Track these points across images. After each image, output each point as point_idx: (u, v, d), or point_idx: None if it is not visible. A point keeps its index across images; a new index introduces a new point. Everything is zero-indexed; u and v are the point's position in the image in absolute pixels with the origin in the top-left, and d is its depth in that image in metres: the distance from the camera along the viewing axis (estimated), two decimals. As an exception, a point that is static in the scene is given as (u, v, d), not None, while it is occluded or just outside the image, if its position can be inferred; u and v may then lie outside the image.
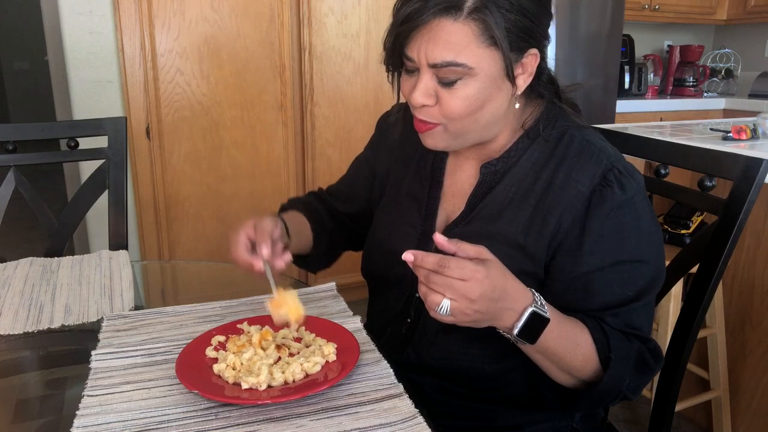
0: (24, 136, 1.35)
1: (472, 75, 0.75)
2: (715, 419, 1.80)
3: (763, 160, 0.85)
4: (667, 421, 0.97)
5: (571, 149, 0.82)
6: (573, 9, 2.59)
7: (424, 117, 0.80)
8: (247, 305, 0.97)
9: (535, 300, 0.71)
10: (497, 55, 0.75)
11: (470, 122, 0.80)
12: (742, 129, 1.85)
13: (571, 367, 0.76)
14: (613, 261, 0.78)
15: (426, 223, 0.92)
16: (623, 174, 0.79)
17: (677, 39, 3.89)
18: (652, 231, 0.81)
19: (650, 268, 0.80)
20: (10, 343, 0.89)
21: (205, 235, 2.33)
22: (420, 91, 0.77)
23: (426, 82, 0.77)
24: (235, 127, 2.31)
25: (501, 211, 0.84)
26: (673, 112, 3.29)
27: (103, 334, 0.87)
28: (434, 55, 0.74)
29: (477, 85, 0.76)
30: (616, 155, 0.82)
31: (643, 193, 0.80)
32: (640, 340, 0.79)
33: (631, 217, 0.78)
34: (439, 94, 0.78)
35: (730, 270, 1.73)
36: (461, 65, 0.74)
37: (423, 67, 0.76)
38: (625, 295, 0.79)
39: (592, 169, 0.80)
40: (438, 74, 0.76)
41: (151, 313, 0.94)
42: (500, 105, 0.80)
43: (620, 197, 0.78)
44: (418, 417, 0.67)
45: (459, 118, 0.79)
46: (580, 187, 0.79)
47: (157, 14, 2.11)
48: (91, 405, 0.70)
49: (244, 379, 0.71)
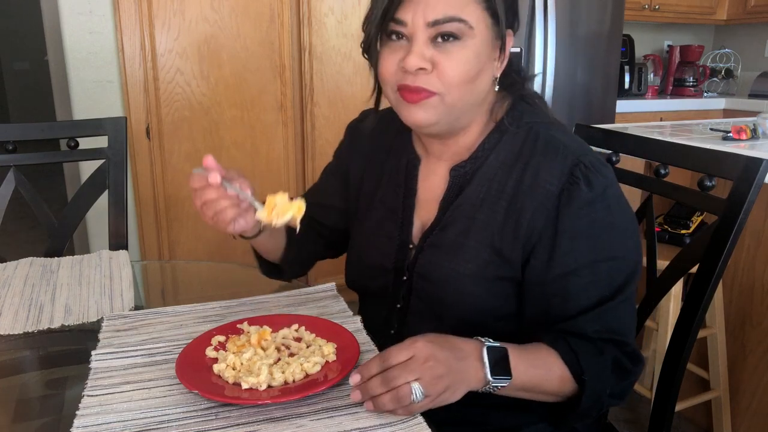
0: (24, 136, 1.35)
1: (471, 37, 0.75)
2: (715, 419, 1.80)
3: (763, 160, 0.85)
4: (667, 421, 0.97)
5: (537, 147, 0.81)
6: (573, 9, 2.59)
7: (421, 83, 0.76)
8: (247, 305, 0.97)
9: (480, 340, 0.72)
10: (489, 21, 0.76)
11: (466, 92, 0.78)
12: (742, 129, 1.85)
13: (550, 392, 0.76)
14: (587, 261, 0.77)
15: (403, 233, 0.91)
16: (590, 169, 0.77)
17: (677, 39, 3.89)
18: (626, 225, 0.80)
19: (626, 263, 0.79)
20: (10, 343, 0.89)
21: (205, 235, 2.33)
22: (415, 54, 0.74)
23: (421, 45, 0.75)
24: (235, 127, 2.31)
25: (473, 215, 0.83)
26: (673, 112, 3.29)
27: (103, 334, 0.87)
28: (437, 9, 0.73)
29: (473, 49, 0.75)
30: (582, 149, 0.80)
31: (614, 186, 0.79)
32: (617, 345, 0.78)
33: (603, 213, 0.77)
34: (435, 60, 0.75)
35: (730, 270, 1.73)
36: (464, 21, 0.74)
37: (418, 29, 0.74)
38: (602, 296, 0.78)
39: (558, 167, 0.78)
40: (439, 31, 0.74)
41: (151, 313, 0.94)
42: (487, 82, 0.80)
43: (588, 194, 0.77)
44: (418, 417, 0.67)
45: (458, 85, 0.76)
46: (549, 186, 0.78)
47: (157, 14, 2.11)
48: (91, 405, 0.70)
49: (244, 379, 0.71)
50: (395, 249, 0.91)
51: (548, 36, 2.52)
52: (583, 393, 0.75)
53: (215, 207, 0.78)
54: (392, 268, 0.91)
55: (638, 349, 0.81)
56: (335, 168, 1.04)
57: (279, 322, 0.86)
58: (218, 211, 0.79)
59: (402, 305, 0.91)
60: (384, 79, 0.80)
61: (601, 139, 1.16)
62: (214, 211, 0.79)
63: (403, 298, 0.91)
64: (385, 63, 0.79)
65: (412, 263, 0.89)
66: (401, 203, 0.92)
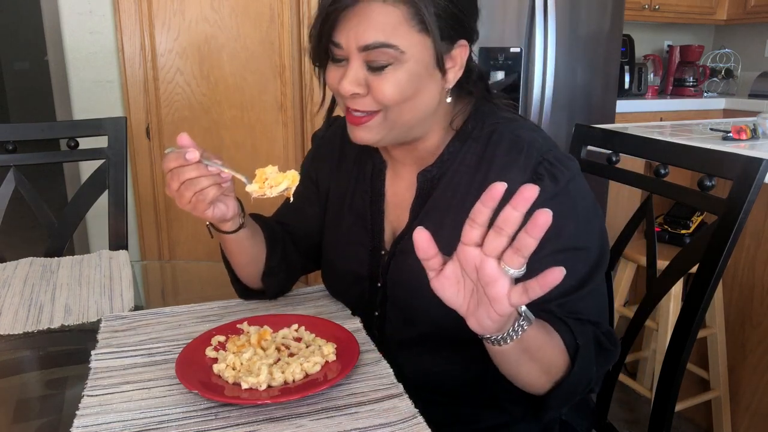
0: (24, 136, 1.35)
1: (403, 61, 0.74)
2: (715, 419, 1.80)
3: (763, 160, 0.85)
4: (667, 421, 0.97)
5: (501, 147, 0.81)
6: (573, 9, 2.58)
7: (357, 107, 0.77)
8: (245, 305, 0.97)
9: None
10: (428, 42, 0.74)
11: (405, 110, 0.77)
12: (742, 129, 1.85)
13: (551, 363, 0.72)
14: (550, 251, 0.75)
15: (374, 239, 0.90)
16: (554, 165, 0.77)
17: (677, 39, 3.89)
18: (590, 216, 0.80)
19: (591, 253, 0.79)
20: (10, 343, 0.89)
21: (205, 235, 2.32)
22: (349, 78, 0.75)
23: (356, 70, 0.75)
24: (235, 127, 2.31)
25: (442, 220, 0.82)
26: (673, 112, 3.29)
27: (101, 335, 0.87)
28: (365, 36, 0.72)
29: (408, 71, 0.74)
30: (546, 145, 0.80)
31: (578, 177, 0.79)
32: (592, 325, 0.78)
33: (567, 206, 0.77)
34: (369, 82, 0.75)
35: (730, 270, 1.73)
36: (393, 47, 0.73)
37: (352, 53, 0.74)
38: (568, 286, 0.76)
39: (522, 165, 0.78)
40: (368, 58, 0.74)
41: (150, 313, 0.94)
42: (432, 97, 0.79)
43: (552, 189, 0.76)
44: (418, 417, 0.67)
45: (395, 105, 0.76)
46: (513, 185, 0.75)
47: (157, 14, 2.11)
48: (91, 405, 0.70)
49: (244, 379, 0.71)
50: (368, 255, 0.90)
51: (548, 36, 2.52)
52: (575, 362, 0.72)
53: (195, 187, 0.75)
54: (367, 275, 0.91)
55: (612, 331, 0.80)
56: (305, 177, 1.01)
57: (279, 321, 0.86)
58: (198, 191, 0.76)
59: (379, 313, 0.90)
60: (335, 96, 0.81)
61: (601, 139, 1.16)
62: (194, 191, 0.75)
63: (380, 305, 0.90)
64: (329, 82, 0.79)
65: (385, 269, 0.88)
66: (370, 209, 0.91)
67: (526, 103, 2.58)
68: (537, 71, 2.54)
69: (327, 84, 0.80)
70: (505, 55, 2.50)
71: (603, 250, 0.81)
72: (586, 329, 0.76)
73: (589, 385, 0.77)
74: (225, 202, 0.81)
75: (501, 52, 2.50)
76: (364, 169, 0.93)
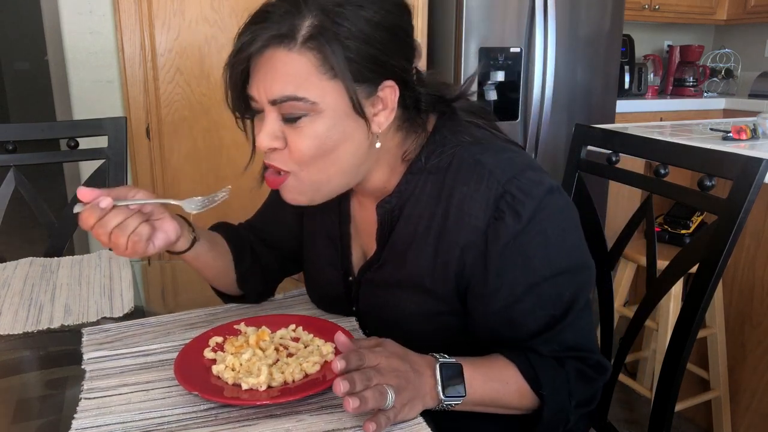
0: (24, 136, 1.35)
1: (317, 111, 0.69)
2: (715, 419, 1.80)
3: (763, 160, 0.85)
4: (667, 421, 0.97)
5: (461, 175, 0.75)
6: (573, 9, 2.59)
7: (275, 163, 0.73)
8: (233, 311, 0.96)
9: (435, 356, 0.70)
10: (343, 90, 0.69)
11: (326, 166, 0.72)
12: (742, 129, 1.85)
13: (510, 405, 0.74)
14: (525, 287, 0.73)
15: (344, 262, 0.89)
16: (515, 197, 0.72)
17: (677, 39, 3.89)
18: (564, 236, 0.75)
19: (571, 276, 0.75)
20: (10, 343, 0.89)
21: (205, 235, 2.33)
22: (265, 132, 0.71)
23: (271, 123, 0.71)
24: (235, 127, 2.28)
25: (405, 252, 0.79)
26: (673, 112, 3.29)
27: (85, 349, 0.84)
28: (273, 89, 0.68)
29: (325, 122, 0.70)
30: (509, 172, 0.73)
31: (545, 202, 0.73)
32: (579, 360, 0.76)
33: (534, 237, 0.72)
34: (286, 137, 0.71)
35: (730, 270, 1.73)
36: (302, 99, 0.68)
37: (266, 105, 0.70)
38: (550, 317, 0.74)
39: (483, 198, 0.73)
40: (280, 111, 0.70)
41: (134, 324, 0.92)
42: (358, 146, 0.73)
43: (515, 227, 0.72)
44: (418, 417, 0.67)
45: (311, 161, 0.71)
46: (474, 221, 0.73)
47: (157, 14, 2.11)
48: (89, 408, 0.70)
49: (243, 380, 0.71)
50: (341, 278, 0.89)
51: (548, 36, 2.52)
52: (545, 406, 0.73)
53: (125, 231, 0.72)
54: (343, 296, 0.90)
55: (603, 359, 0.78)
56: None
57: (276, 322, 0.86)
58: (131, 233, 0.73)
59: (363, 330, 0.89)
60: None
61: (601, 139, 1.16)
62: (126, 235, 0.73)
63: (361, 327, 0.89)
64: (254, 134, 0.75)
65: (355, 297, 0.88)
66: (338, 230, 0.89)
67: (526, 103, 2.58)
68: (537, 71, 2.54)
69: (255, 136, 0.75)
70: (505, 55, 2.50)
71: (583, 266, 0.77)
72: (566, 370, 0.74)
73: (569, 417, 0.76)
74: (162, 229, 0.78)
75: (501, 52, 2.50)
76: None
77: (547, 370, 0.74)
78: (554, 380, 0.73)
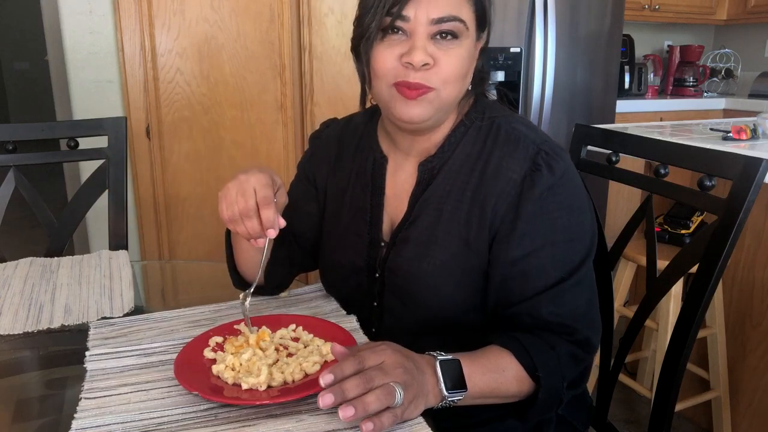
0: (24, 136, 1.35)
1: (466, 36, 0.79)
2: (715, 419, 1.80)
3: (763, 160, 0.85)
4: (667, 421, 0.97)
5: (500, 139, 0.85)
6: (573, 9, 2.58)
7: (421, 80, 0.78)
8: (236, 309, 0.96)
9: (433, 354, 0.71)
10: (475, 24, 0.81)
11: (456, 89, 0.81)
12: (742, 129, 1.85)
13: (509, 394, 0.77)
14: (545, 242, 0.80)
15: (372, 230, 0.92)
16: (550, 155, 0.81)
17: (677, 39, 3.89)
18: (583, 207, 0.83)
19: (582, 245, 0.82)
20: (10, 343, 0.89)
21: (205, 235, 2.33)
22: (422, 48, 0.77)
23: (425, 42, 0.77)
24: (235, 128, 2.30)
25: (440, 207, 0.85)
26: (673, 112, 3.29)
27: (91, 343, 0.85)
28: (439, 8, 0.76)
29: (467, 47, 0.80)
30: (541, 138, 0.84)
31: (571, 170, 0.83)
32: (568, 334, 0.79)
33: (562, 196, 0.80)
34: (435, 57, 0.78)
35: (730, 270, 1.73)
36: (462, 21, 0.78)
37: (421, 25, 0.77)
38: (559, 276, 0.80)
39: (521, 156, 0.82)
40: (440, 29, 0.77)
41: (140, 319, 0.93)
42: (470, 79, 0.85)
43: (550, 179, 0.80)
44: (418, 416, 0.67)
45: (454, 80, 0.80)
46: (512, 174, 0.82)
47: (157, 14, 2.11)
48: (89, 408, 0.70)
49: (243, 380, 0.71)
50: (366, 246, 0.92)
51: (548, 36, 2.52)
52: (540, 388, 0.76)
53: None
54: (365, 266, 0.92)
55: (591, 336, 0.82)
56: (302, 177, 1.03)
57: (276, 322, 0.86)
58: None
59: (378, 303, 0.91)
60: (380, 74, 0.80)
61: (601, 139, 1.16)
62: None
63: (378, 295, 0.91)
64: (382, 58, 0.79)
65: (384, 260, 0.90)
66: (369, 202, 0.93)
67: (526, 103, 2.58)
68: (537, 71, 2.54)
69: (377, 63, 0.80)
70: (505, 55, 2.50)
71: (593, 240, 0.84)
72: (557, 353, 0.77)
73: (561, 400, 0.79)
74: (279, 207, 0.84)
75: (501, 52, 2.50)
76: (365, 165, 0.94)
77: (541, 353, 0.77)
78: (548, 361, 0.77)
